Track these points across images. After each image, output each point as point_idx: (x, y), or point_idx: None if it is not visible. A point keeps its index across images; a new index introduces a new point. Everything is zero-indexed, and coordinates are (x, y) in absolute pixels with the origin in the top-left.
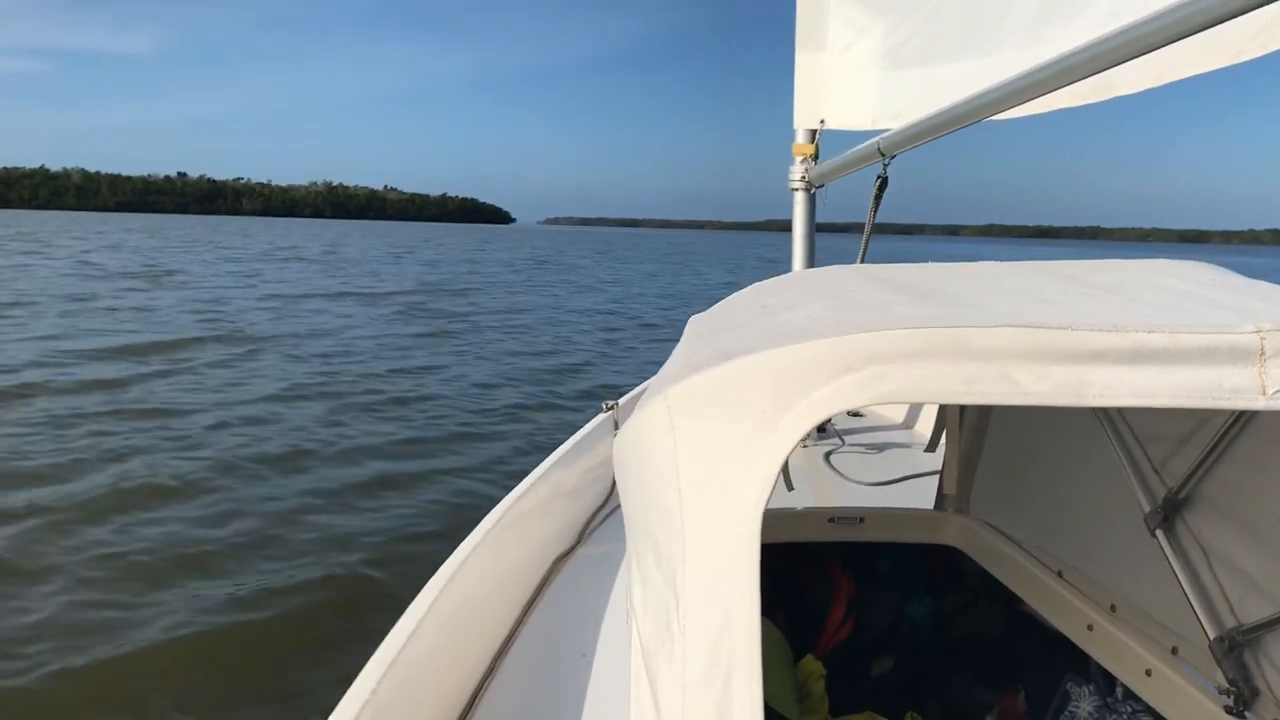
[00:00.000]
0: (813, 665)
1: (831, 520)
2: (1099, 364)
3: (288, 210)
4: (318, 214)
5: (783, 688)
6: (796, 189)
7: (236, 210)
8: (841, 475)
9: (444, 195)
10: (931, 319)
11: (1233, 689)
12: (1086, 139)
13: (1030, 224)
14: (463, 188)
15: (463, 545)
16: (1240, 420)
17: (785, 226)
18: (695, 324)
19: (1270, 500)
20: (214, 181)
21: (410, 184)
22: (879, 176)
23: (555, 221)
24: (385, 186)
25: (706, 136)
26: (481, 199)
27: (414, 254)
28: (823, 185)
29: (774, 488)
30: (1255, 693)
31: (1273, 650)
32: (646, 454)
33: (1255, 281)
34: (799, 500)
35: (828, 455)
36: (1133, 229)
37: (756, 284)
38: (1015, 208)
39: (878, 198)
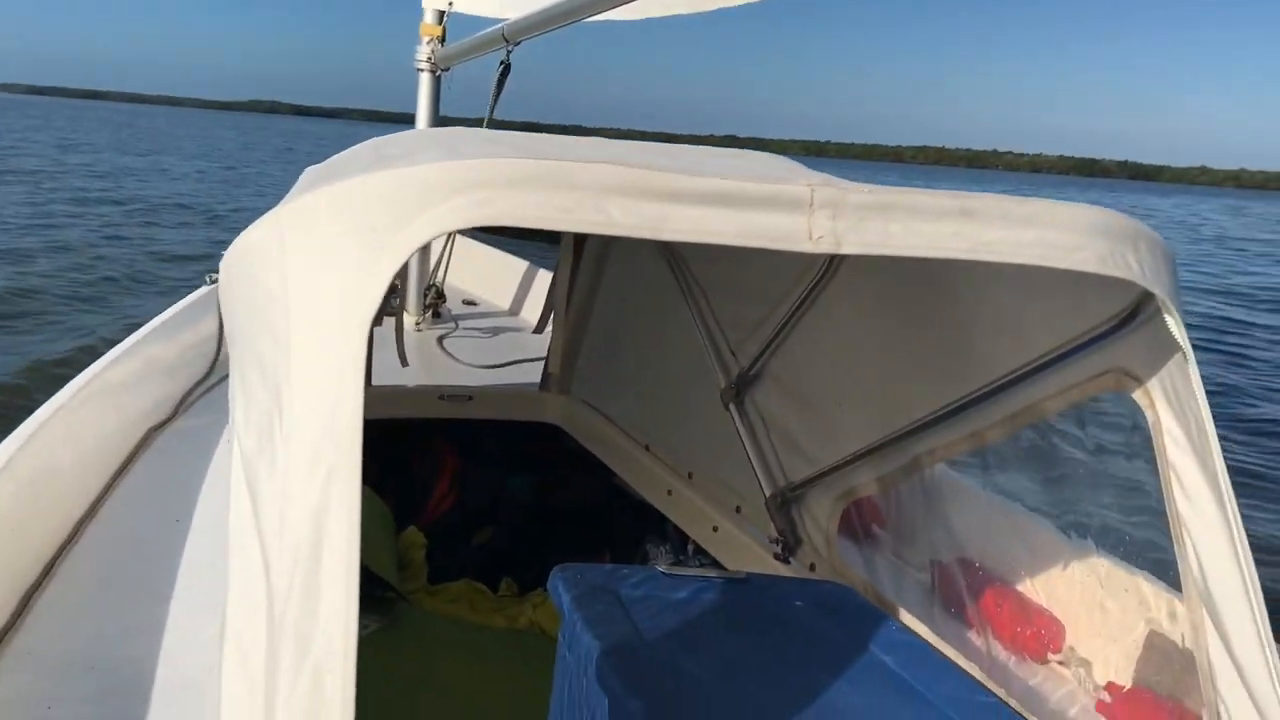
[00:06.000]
0: (414, 536)
1: (442, 397)
2: (678, 203)
3: None
4: None
5: (384, 556)
6: (422, 70)
7: None
8: (454, 358)
9: None
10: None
11: (781, 539)
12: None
13: (684, 132)
14: None
15: (39, 410)
16: (802, 307)
17: (272, 108)
18: (309, 174)
19: (818, 373)
20: None
21: None
22: (502, 63)
23: (3, 88)
24: None
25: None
26: None
27: None
28: (448, 68)
29: (380, 310)
30: (799, 541)
31: (812, 504)
32: (254, 270)
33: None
34: (411, 379)
35: (441, 339)
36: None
37: (373, 139)
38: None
39: (499, 84)
